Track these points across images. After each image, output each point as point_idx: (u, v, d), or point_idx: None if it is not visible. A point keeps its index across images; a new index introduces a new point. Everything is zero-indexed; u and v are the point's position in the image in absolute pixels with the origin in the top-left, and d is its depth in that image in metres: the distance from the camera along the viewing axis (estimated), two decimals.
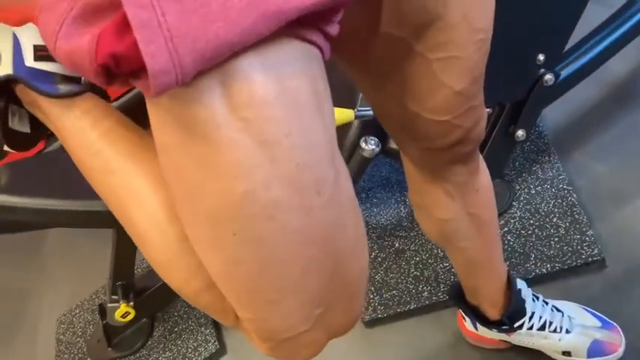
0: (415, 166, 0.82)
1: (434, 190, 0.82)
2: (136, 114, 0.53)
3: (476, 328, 1.09)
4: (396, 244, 1.34)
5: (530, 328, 1.00)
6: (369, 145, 1.20)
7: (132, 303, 1.37)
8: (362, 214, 1.43)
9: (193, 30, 0.34)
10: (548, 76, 1.16)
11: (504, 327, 1.00)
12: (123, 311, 1.37)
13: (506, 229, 1.24)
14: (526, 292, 1.00)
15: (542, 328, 1.00)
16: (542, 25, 1.11)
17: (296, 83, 0.38)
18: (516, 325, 1.00)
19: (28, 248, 1.90)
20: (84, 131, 0.54)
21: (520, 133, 1.22)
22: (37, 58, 0.51)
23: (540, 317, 1.00)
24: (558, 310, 1.03)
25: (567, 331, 1.01)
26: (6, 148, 0.56)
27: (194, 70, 0.35)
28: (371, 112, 1.13)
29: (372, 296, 1.27)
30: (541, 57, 1.14)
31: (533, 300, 1.02)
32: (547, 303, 1.03)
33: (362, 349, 1.23)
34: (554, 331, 1.00)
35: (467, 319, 1.08)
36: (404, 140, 0.77)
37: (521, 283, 1.00)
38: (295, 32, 0.38)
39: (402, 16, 0.57)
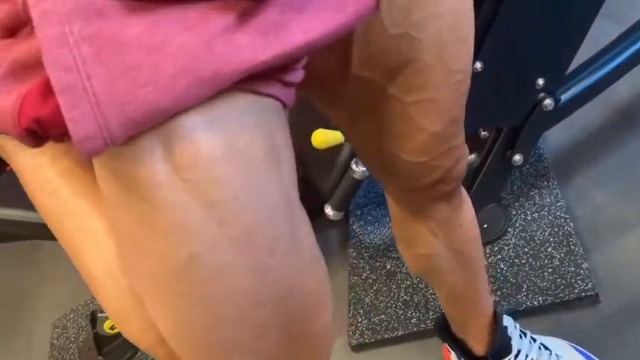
0: (396, 202, 0.80)
1: (415, 226, 0.80)
2: None
3: None
4: (388, 266, 1.31)
5: None
6: (360, 167, 1.17)
7: None
8: (356, 231, 1.40)
9: (122, 94, 0.32)
10: (548, 101, 1.12)
11: None
12: (111, 323, 1.37)
13: (499, 256, 1.20)
14: (513, 329, 0.97)
15: None
16: (541, 49, 1.07)
17: (247, 140, 0.36)
18: None
19: (27, 250, 1.91)
20: (41, 169, 0.52)
21: (517, 157, 1.18)
22: None
23: (527, 355, 0.97)
24: (546, 348, 0.99)
25: None
26: None
27: (124, 134, 0.33)
28: None
29: (360, 319, 1.25)
30: (540, 81, 1.10)
31: (521, 337, 0.98)
32: (535, 340, 0.99)
33: None
34: None
35: (452, 352, 1.05)
36: (383, 177, 0.75)
37: (507, 320, 0.97)
38: (247, 86, 0.36)
39: (374, 59, 0.54)
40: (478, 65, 1.04)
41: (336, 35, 0.38)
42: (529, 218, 1.23)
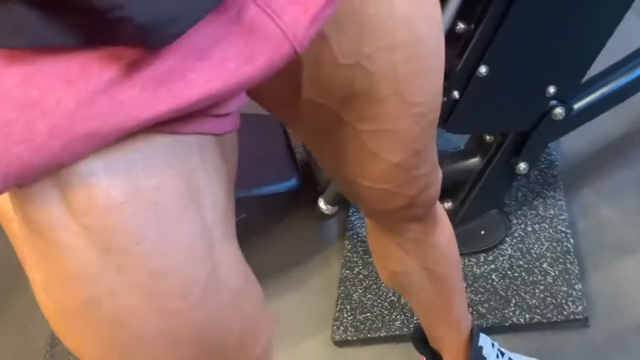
0: (367, 217, 0.77)
1: (387, 242, 0.77)
2: None
3: None
4: None
5: None
6: None
7: None
8: (354, 223, 1.38)
9: None
10: (558, 110, 1.06)
11: None
12: None
13: (492, 266, 1.16)
14: (489, 350, 0.94)
15: None
16: (554, 55, 1.00)
17: (155, 183, 0.35)
18: None
19: None
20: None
21: (522, 166, 1.13)
22: None
23: None
24: None
25: None
26: None
27: (4, 186, 0.32)
28: None
29: (345, 315, 1.24)
30: (551, 89, 1.03)
31: (497, 357, 0.95)
32: None
33: None
34: None
35: None
36: (351, 198, 0.72)
37: (484, 340, 0.94)
38: (160, 127, 0.34)
39: (325, 86, 0.51)
40: (483, 70, 0.98)
41: (245, 85, 0.36)
42: (529, 229, 1.18)
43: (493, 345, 0.96)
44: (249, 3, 0.35)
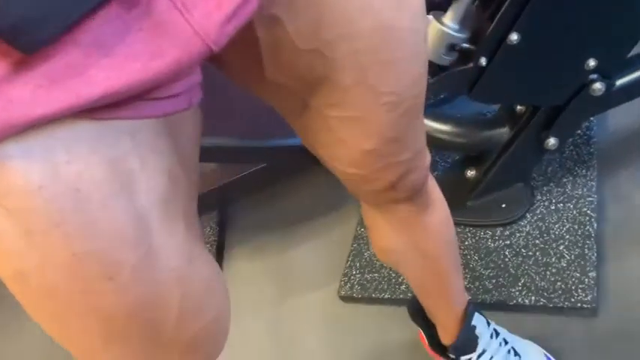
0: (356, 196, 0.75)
1: (376, 218, 0.75)
2: None
3: None
4: None
5: None
6: None
7: None
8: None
9: None
10: (597, 85, 0.97)
11: (451, 356, 0.94)
12: None
13: (507, 242, 1.12)
14: (484, 329, 0.92)
15: None
16: (596, 25, 0.91)
17: (78, 169, 0.35)
18: (463, 358, 0.93)
19: None
20: None
21: (552, 141, 1.06)
22: None
23: (491, 357, 0.92)
24: (516, 353, 0.94)
25: None
26: None
27: None
28: None
29: (354, 272, 1.24)
30: (591, 62, 0.95)
31: (492, 336, 0.93)
32: (506, 342, 0.94)
33: (332, 318, 1.23)
34: None
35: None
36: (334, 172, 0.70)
37: (478, 319, 0.92)
38: (84, 114, 0.34)
39: (286, 69, 0.49)
40: (514, 37, 0.91)
41: (153, 81, 0.34)
42: (552, 207, 1.12)
43: (489, 324, 0.94)
44: None
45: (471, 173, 1.18)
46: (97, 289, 0.39)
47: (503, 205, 1.16)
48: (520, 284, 1.05)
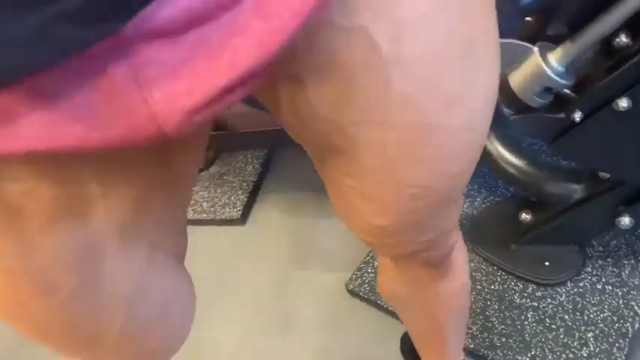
0: None
1: (389, 267, 0.68)
2: None
3: None
4: None
5: None
6: None
7: None
8: None
9: None
10: None
11: None
12: None
13: (535, 304, 1.02)
14: None
15: None
16: None
17: (24, 188, 0.34)
18: None
19: None
20: None
21: (626, 220, 0.93)
22: None
23: None
24: None
25: None
26: None
27: None
28: None
29: (369, 270, 1.18)
30: None
31: None
32: None
33: (334, 304, 1.19)
34: None
35: None
36: None
37: None
38: None
39: (304, 128, 0.41)
40: (624, 103, 0.77)
41: (93, 149, 0.28)
42: (599, 287, 1.00)
43: None
44: (120, 59, 0.25)
45: (525, 216, 1.07)
46: (30, 303, 0.39)
47: (547, 263, 1.05)
48: (529, 355, 0.96)
